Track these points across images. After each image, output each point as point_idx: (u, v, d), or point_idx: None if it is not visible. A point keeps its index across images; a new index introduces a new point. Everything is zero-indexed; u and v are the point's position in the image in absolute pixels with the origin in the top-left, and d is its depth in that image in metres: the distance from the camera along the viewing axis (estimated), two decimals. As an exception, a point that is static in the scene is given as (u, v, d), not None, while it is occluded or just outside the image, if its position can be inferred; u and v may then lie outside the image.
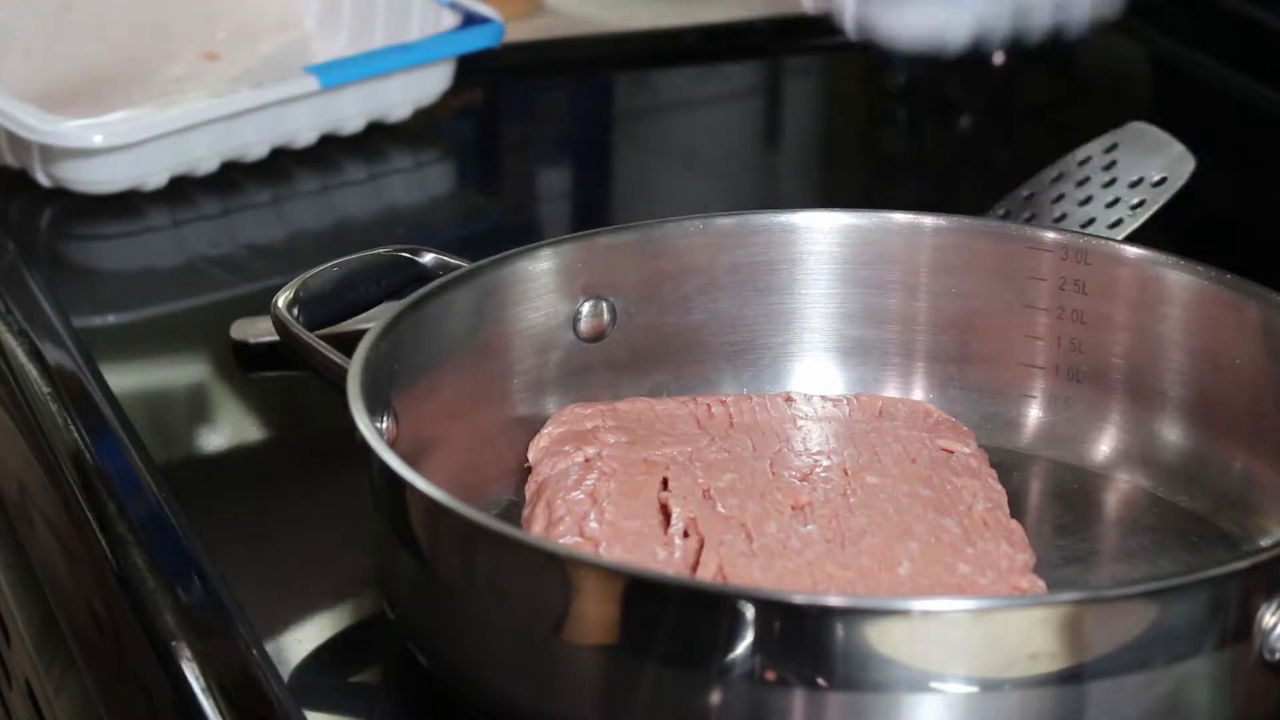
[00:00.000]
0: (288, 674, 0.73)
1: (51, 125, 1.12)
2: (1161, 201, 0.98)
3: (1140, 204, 0.99)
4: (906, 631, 0.63)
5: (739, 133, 1.34)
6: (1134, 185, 1.00)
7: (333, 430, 0.85)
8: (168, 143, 1.15)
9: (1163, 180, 1.00)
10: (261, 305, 0.86)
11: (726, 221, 0.86)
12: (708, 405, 0.84)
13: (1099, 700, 0.64)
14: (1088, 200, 1.01)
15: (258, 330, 0.97)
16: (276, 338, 0.81)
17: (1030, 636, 0.63)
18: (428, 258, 0.85)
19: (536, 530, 0.75)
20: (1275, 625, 0.66)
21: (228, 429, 0.98)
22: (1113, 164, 1.02)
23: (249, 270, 1.05)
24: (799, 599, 0.64)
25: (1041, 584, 0.73)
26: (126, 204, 1.15)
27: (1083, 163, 1.03)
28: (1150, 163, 1.00)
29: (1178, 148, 1.01)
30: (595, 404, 0.83)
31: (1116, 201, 1.00)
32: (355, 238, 1.15)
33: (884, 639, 0.62)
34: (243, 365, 0.98)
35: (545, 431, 0.82)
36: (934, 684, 0.63)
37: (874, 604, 0.64)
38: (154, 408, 0.98)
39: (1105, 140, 1.03)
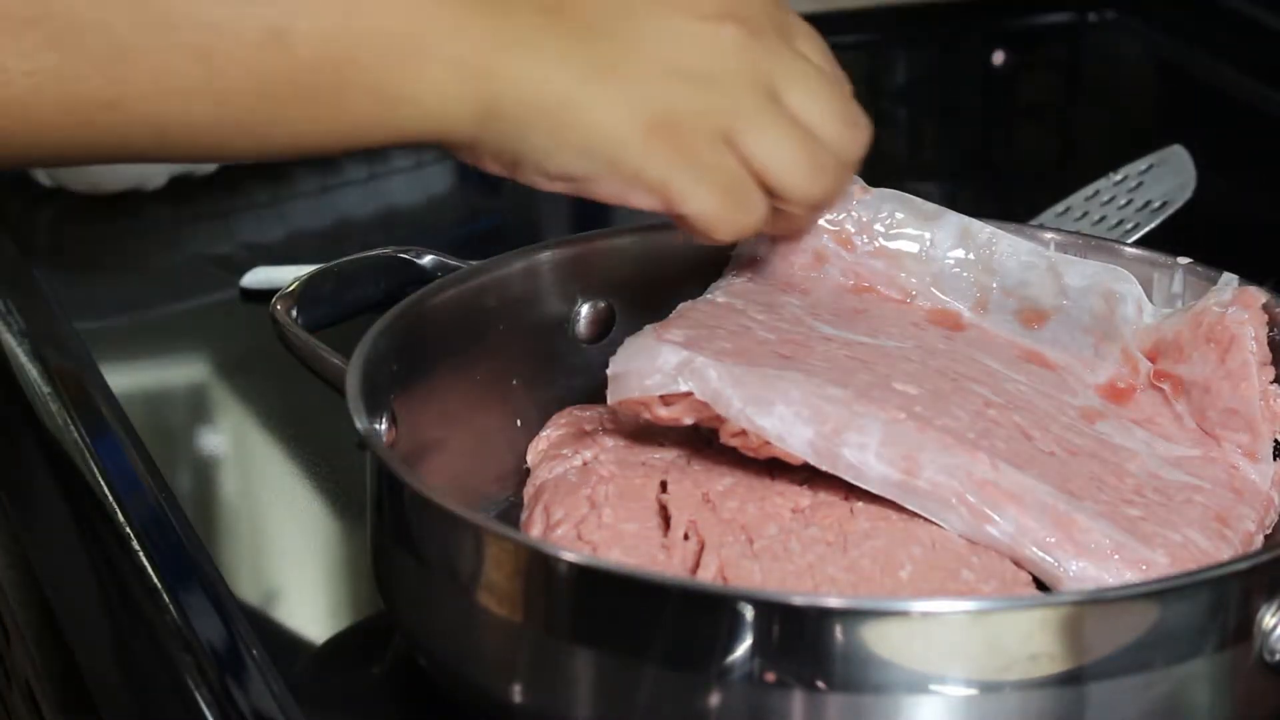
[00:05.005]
0: (288, 674, 0.73)
1: (51, 125, 1.12)
2: (1153, 224, 0.99)
3: (1135, 227, 0.99)
4: (906, 633, 0.63)
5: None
6: (1142, 209, 1.01)
7: (332, 430, 0.85)
8: (168, 142, 1.15)
9: (1163, 205, 1.00)
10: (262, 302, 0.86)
11: (726, 222, 0.86)
12: (707, 406, 0.84)
13: (1099, 701, 0.64)
14: (1100, 220, 1.01)
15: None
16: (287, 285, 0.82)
17: (1030, 638, 0.63)
18: (427, 259, 0.85)
19: (535, 533, 0.75)
20: (1275, 626, 0.66)
21: (228, 429, 0.98)
22: (1140, 185, 1.02)
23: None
24: (798, 600, 0.64)
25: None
26: (126, 204, 1.15)
27: (1118, 182, 1.04)
28: (1167, 186, 1.01)
29: (1187, 173, 1.01)
30: (594, 406, 0.83)
31: (1119, 223, 1.00)
32: (355, 238, 1.15)
33: (883, 641, 0.62)
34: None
35: (544, 434, 0.82)
36: (933, 686, 0.63)
37: (873, 605, 0.64)
38: (154, 408, 0.98)
39: (1144, 162, 1.04)
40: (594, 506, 0.74)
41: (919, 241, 0.83)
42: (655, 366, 0.73)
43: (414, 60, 0.70)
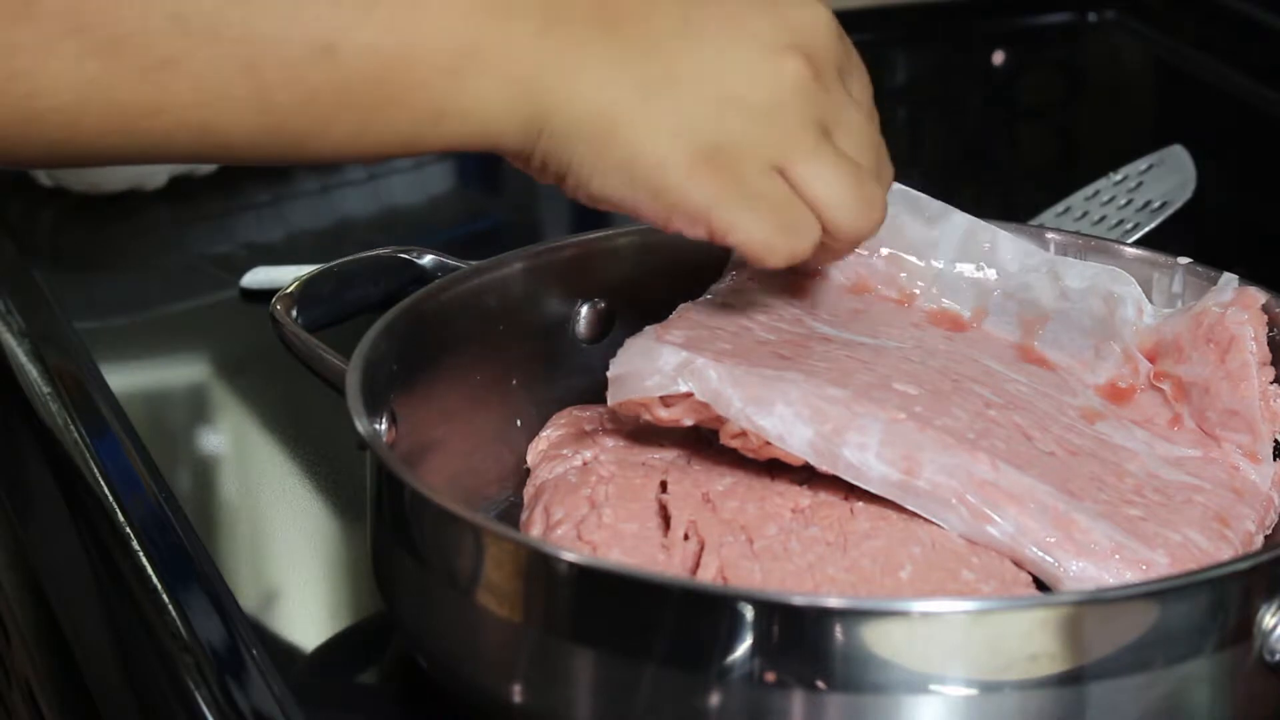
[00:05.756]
0: (288, 674, 0.73)
1: (51, 125, 1.12)
2: (1153, 224, 0.99)
3: (1135, 227, 0.99)
4: (906, 633, 0.63)
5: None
6: (1142, 209, 1.01)
7: (332, 431, 0.86)
8: (168, 142, 1.15)
9: (1163, 205, 1.00)
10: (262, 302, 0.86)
11: (726, 222, 0.86)
12: (707, 406, 0.84)
13: (1099, 701, 0.64)
14: (1101, 220, 1.01)
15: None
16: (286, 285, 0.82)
17: (1030, 638, 0.63)
18: (427, 259, 0.85)
19: (535, 533, 0.75)
20: (1275, 626, 0.66)
21: (228, 429, 0.98)
22: (1140, 185, 1.03)
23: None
24: (798, 600, 0.64)
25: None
26: (126, 204, 1.15)
27: (1118, 182, 1.04)
28: (1167, 186, 1.01)
29: (1187, 173, 1.01)
30: (594, 406, 0.83)
31: (1119, 223, 1.00)
32: (355, 238, 1.15)
33: (883, 641, 0.62)
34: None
35: (544, 434, 0.82)
36: (933, 686, 0.63)
37: (873, 605, 0.64)
38: (154, 408, 0.98)
39: (1144, 162, 1.04)
40: (594, 506, 0.74)
41: (921, 242, 0.83)
42: (655, 368, 0.73)
43: (465, 75, 0.70)
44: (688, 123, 0.70)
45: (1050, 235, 0.85)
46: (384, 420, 0.75)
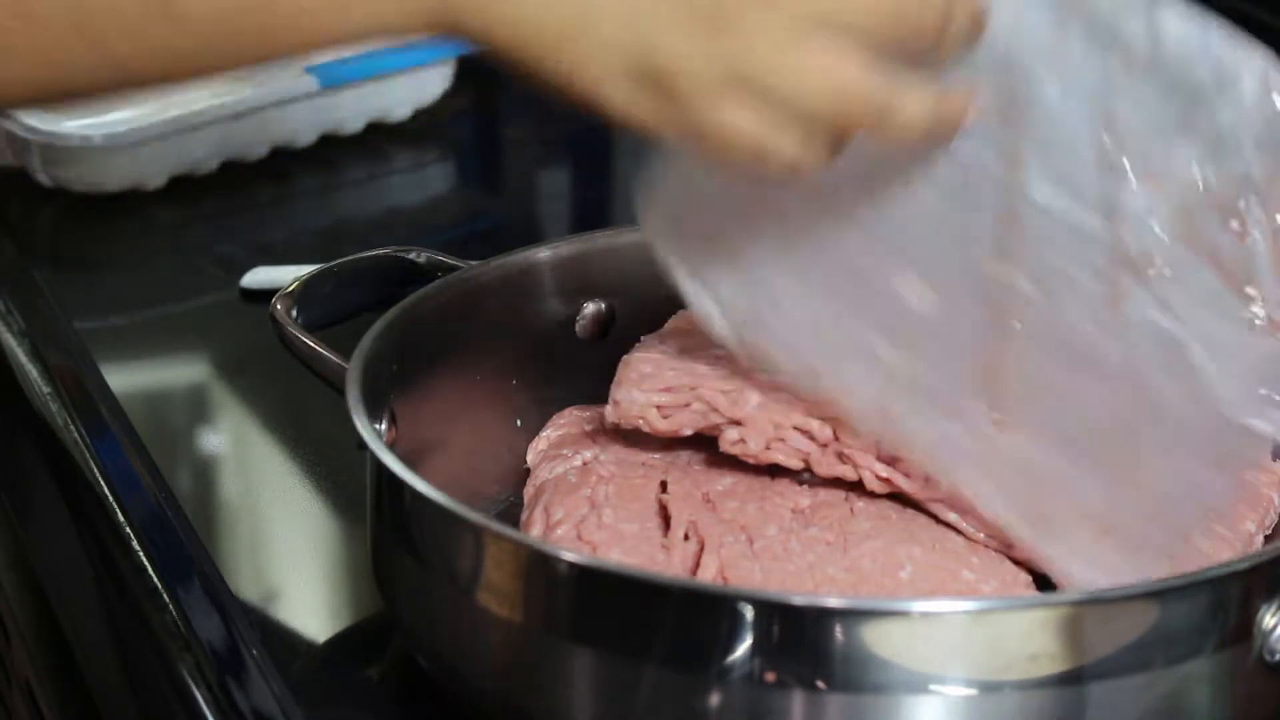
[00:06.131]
0: (288, 674, 0.73)
1: (51, 125, 1.12)
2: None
3: None
4: (906, 633, 0.63)
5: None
6: None
7: (332, 431, 0.86)
8: (168, 143, 1.15)
9: None
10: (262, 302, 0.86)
11: (726, 222, 0.86)
12: (706, 407, 0.84)
13: (1099, 701, 0.64)
14: None
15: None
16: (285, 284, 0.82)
17: (1030, 638, 0.63)
18: (426, 258, 0.85)
19: (535, 533, 0.75)
20: (1275, 626, 0.66)
21: (228, 429, 0.98)
22: None
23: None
24: (798, 600, 0.64)
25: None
26: (126, 204, 1.15)
27: None
28: None
29: None
30: (594, 406, 0.83)
31: None
32: (355, 238, 1.15)
33: (883, 641, 0.62)
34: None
35: (544, 434, 0.82)
36: (933, 686, 0.63)
37: (873, 605, 0.64)
38: (154, 408, 0.98)
39: None
40: (594, 506, 0.74)
41: None
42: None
43: (352, 5, 0.63)
44: (619, 47, 0.63)
45: None
46: (384, 420, 0.75)
